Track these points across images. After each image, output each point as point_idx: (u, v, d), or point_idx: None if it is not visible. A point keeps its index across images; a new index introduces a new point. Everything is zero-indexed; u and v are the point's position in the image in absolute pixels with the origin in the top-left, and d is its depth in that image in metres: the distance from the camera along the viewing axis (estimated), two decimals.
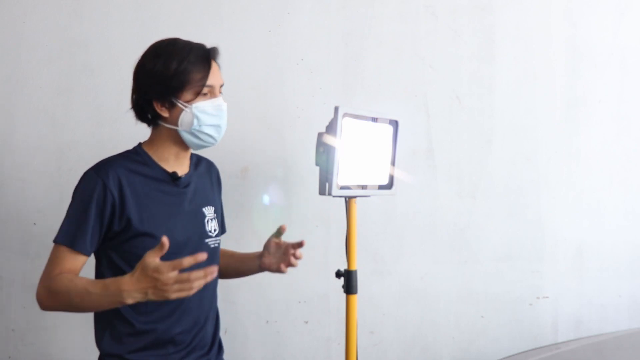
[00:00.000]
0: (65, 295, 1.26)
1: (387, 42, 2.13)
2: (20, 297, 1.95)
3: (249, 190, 2.04)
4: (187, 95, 1.37)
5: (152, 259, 1.11)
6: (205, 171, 1.57)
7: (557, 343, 2.08)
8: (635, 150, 2.27)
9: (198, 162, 1.56)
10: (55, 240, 1.35)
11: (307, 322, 2.09)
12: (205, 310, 1.47)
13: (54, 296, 1.29)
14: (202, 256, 1.12)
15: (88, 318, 1.47)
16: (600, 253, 2.24)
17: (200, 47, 1.41)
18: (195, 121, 1.38)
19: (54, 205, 1.95)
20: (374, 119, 1.59)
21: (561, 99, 2.22)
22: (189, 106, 1.37)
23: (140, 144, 1.46)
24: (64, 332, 1.96)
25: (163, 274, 1.10)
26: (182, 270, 1.12)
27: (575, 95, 2.23)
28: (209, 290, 1.47)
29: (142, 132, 1.47)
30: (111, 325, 1.39)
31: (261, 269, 1.59)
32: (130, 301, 1.16)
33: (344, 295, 1.60)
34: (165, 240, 1.11)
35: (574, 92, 2.23)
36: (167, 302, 1.36)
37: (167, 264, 1.11)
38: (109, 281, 1.20)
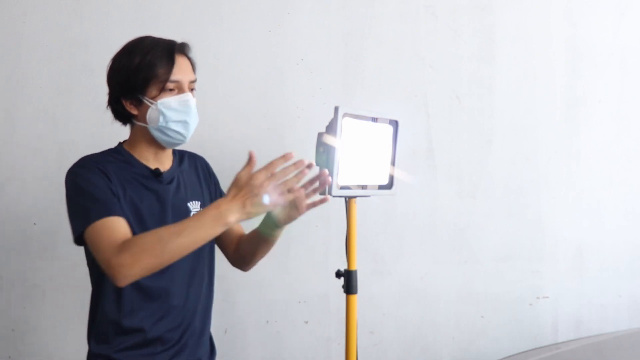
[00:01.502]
0: (157, 243, 1.16)
1: (387, 42, 2.13)
2: (20, 297, 1.95)
3: None
4: (152, 91, 1.34)
5: (243, 172, 1.13)
6: (190, 165, 1.55)
7: (557, 343, 2.08)
8: (635, 150, 2.27)
9: (182, 157, 1.54)
10: (88, 222, 1.24)
11: (307, 322, 2.09)
12: (191, 307, 1.45)
13: (141, 251, 1.16)
14: (290, 155, 1.14)
15: (87, 318, 1.47)
16: (600, 253, 2.24)
17: (166, 42, 1.38)
18: (161, 118, 1.35)
19: (54, 205, 1.94)
20: (374, 119, 1.59)
21: (561, 99, 2.22)
22: (155, 102, 1.34)
23: (121, 143, 1.45)
24: (64, 332, 1.96)
25: (256, 178, 1.11)
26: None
27: (575, 95, 2.23)
28: (195, 287, 1.45)
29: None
30: (98, 325, 1.38)
31: (282, 223, 1.47)
32: (232, 218, 1.14)
33: (344, 295, 1.60)
34: (252, 153, 1.14)
35: (574, 92, 2.23)
36: (152, 300, 1.37)
37: (257, 170, 1.12)
38: (204, 210, 1.18)
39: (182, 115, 1.36)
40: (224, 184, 2.04)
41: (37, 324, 1.96)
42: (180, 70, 1.36)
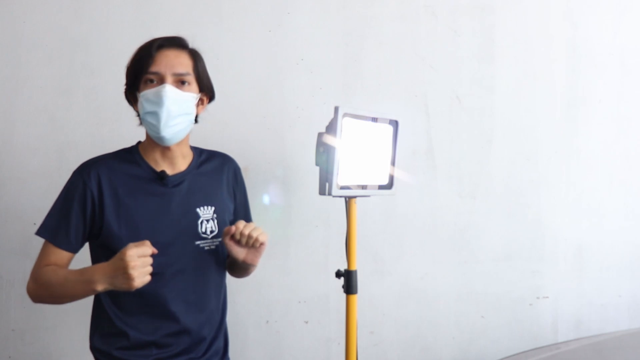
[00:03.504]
0: (48, 285, 1.33)
1: (387, 42, 2.13)
2: (20, 297, 1.95)
3: (249, 190, 2.03)
4: (140, 85, 1.38)
5: (129, 246, 1.20)
6: (214, 168, 1.52)
7: (557, 343, 2.08)
8: (635, 150, 2.27)
9: (208, 159, 1.52)
10: (37, 233, 1.40)
11: (307, 322, 2.09)
12: (194, 314, 1.43)
13: (39, 287, 1.35)
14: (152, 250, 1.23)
15: (87, 318, 1.47)
16: (600, 253, 2.24)
17: (158, 38, 1.41)
18: (141, 110, 1.38)
19: None
20: (374, 119, 1.59)
21: (561, 99, 2.22)
22: (139, 95, 1.38)
23: (138, 142, 1.48)
24: (64, 332, 1.96)
25: (126, 254, 1.18)
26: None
27: (575, 95, 2.23)
28: (199, 295, 1.45)
29: (142, 132, 1.47)
30: (99, 323, 1.42)
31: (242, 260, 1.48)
32: (99, 288, 1.22)
33: (344, 295, 1.60)
34: (147, 243, 1.22)
35: (574, 92, 2.23)
36: (149, 305, 1.38)
37: (134, 250, 1.20)
38: (86, 268, 1.28)
39: (153, 106, 1.35)
40: None
41: (37, 324, 1.96)
42: (163, 62, 1.36)
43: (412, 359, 2.15)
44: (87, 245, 1.45)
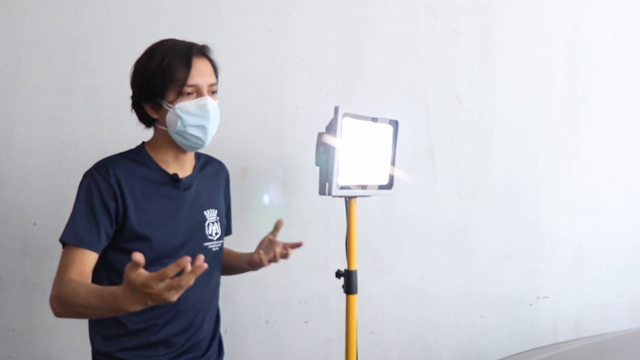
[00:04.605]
0: (71, 306, 1.21)
1: (387, 42, 2.13)
2: (20, 297, 1.95)
3: (249, 190, 2.04)
4: (171, 95, 1.33)
5: (135, 275, 0.99)
6: (213, 173, 1.54)
7: (557, 343, 2.09)
8: (635, 150, 2.27)
9: (206, 163, 1.53)
10: (62, 240, 1.30)
11: (307, 322, 2.09)
12: (201, 312, 1.45)
13: (63, 305, 1.23)
14: (185, 261, 0.97)
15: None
16: (600, 253, 2.25)
17: (185, 45, 1.36)
18: (179, 122, 1.33)
19: (54, 205, 1.94)
20: (374, 119, 1.59)
21: (561, 99, 2.22)
22: (173, 107, 1.33)
23: (143, 143, 1.46)
24: (64, 332, 1.96)
25: (153, 288, 0.99)
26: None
27: (575, 95, 2.23)
28: (206, 293, 1.46)
29: (142, 132, 1.47)
30: (105, 324, 1.39)
31: (250, 264, 1.55)
32: (133, 309, 1.06)
33: (344, 295, 1.60)
34: (139, 257, 0.98)
35: (574, 92, 2.23)
36: (159, 307, 1.37)
37: (153, 277, 0.98)
38: (106, 294, 1.11)
39: (200, 119, 1.34)
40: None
41: (37, 324, 1.96)
42: (198, 73, 1.34)
43: (412, 359, 2.15)
44: None
